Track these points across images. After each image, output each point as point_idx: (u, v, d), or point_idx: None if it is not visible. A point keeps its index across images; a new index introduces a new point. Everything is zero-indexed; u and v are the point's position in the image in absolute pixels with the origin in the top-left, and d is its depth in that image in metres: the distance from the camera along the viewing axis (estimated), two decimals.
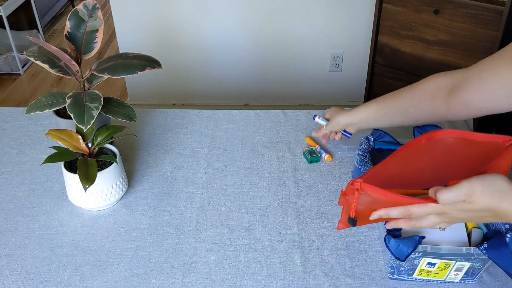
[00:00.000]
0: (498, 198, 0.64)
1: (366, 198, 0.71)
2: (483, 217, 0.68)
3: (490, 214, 0.66)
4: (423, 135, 0.72)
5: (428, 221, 0.71)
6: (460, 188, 0.65)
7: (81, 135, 0.98)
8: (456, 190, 0.65)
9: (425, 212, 0.70)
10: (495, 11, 1.88)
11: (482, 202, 0.65)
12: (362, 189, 0.69)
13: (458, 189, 0.65)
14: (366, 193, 0.69)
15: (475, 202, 0.65)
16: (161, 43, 2.62)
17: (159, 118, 1.33)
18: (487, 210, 0.65)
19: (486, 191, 0.64)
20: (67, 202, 1.05)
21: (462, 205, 0.66)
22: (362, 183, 0.69)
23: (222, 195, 1.07)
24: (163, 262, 0.92)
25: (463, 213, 0.67)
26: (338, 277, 0.88)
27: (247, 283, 0.87)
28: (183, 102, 2.83)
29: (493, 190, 0.64)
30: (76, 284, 0.88)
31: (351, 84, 2.73)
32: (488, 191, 0.64)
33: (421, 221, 0.71)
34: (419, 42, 2.14)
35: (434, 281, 0.86)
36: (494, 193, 0.64)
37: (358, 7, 2.48)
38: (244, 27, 2.56)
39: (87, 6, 1.00)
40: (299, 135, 1.25)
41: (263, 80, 2.73)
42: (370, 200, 0.71)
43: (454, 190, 0.65)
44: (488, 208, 0.65)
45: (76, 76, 1.00)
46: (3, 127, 1.29)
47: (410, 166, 0.77)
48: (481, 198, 0.64)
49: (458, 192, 0.65)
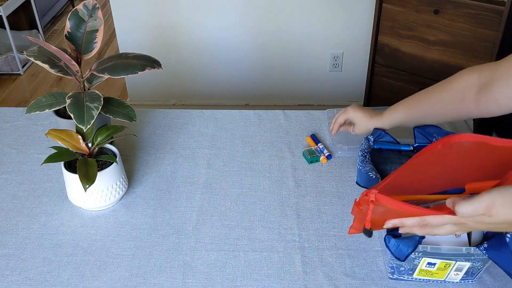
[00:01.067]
0: None
1: (381, 209, 0.70)
2: (501, 228, 0.66)
3: (509, 226, 0.64)
4: (438, 140, 0.70)
5: (444, 230, 0.69)
6: (479, 201, 0.62)
7: (81, 135, 0.98)
8: (475, 204, 0.62)
9: (442, 222, 0.68)
10: (495, 11, 1.88)
11: (502, 216, 0.62)
12: (377, 201, 0.68)
13: (477, 202, 0.62)
14: (380, 204, 0.68)
15: (495, 216, 0.62)
16: (161, 43, 2.62)
17: (159, 118, 1.33)
18: (506, 223, 0.63)
19: (507, 204, 0.61)
20: (67, 202, 1.05)
21: (482, 218, 0.64)
22: (377, 195, 0.68)
23: (222, 195, 1.07)
24: (163, 262, 0.92)
25: (482, 225, 0.66)
26: (338, 277, 0.88)
27: (247, 283, 0.87)
28: (183, 102, 2.83)
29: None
30: (76, 284, 0.88)
31: (351, 84, 2.73)
32: (509, 204, 0.61)
33: (436, 230, 0.70)
34: (419, 42, 2.14)
35: (434, 281, 0.86)
36: None
37: (358, 7, 2.48)
38: (244, 27, 2.56)
39: (87, 6, 1.00)
40: (299, 135, 1.25)
41: (263, 80, 2.73)
42: (384, 210, 0.70)
43: (474, 204, 0.63)
44: (508, 221, 0.63)
45: (76, 76, 1.00)
46: (3, 127, 1.29)
47: (425, 172, 0.76)
48: (501, 212, 0.62)
49: (477, 205, 0.62)
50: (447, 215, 0.66)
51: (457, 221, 0.66)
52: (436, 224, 0.68)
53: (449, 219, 0.66)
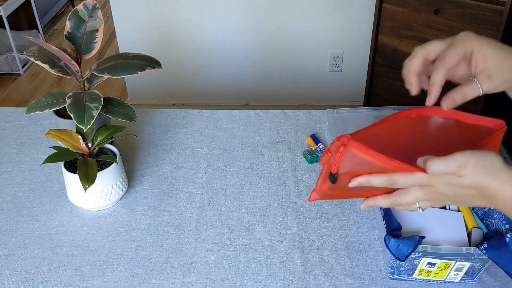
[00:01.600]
0: (491, 176, 0.59)
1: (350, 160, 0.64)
2: (469, 197, 0.62)
3: (478, 194, 0.61)
4: (413, 109, 0.69)
5: (409, 195, 0.64)
6: (453, 159, 0.60)
7: (81, 135, 0.98)
8: (448, 160, 0.60)
9: (410, 182, 0.63)
10: (495, 11, 1.88)
11: (473, 178, 0.60)
12: (349, 146, 0.62)
13: (450, 159, 0.60)
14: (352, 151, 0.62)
15: (466, 176, 0.60)
16: (161, 43, 2.62)
17: (159, 118, 1.33)
18: (476, 188, 0.61)
19: (480, 166, 0.59)
20: (67, 202, 1.05)
21: (451, 178, 0.61)
22: (350, 139, 0.62)
23: (222, 195, 1.07)
24: (163, 262, 0.92)
25: (450, 188, 0.62)
26: (338, 277, 0.88)
27: (247, 283, 0.87)
28: (183, 102, 2.83)
29: (487, 166, 0.59)
30: (76, 284, 0.88)
31: (351, 84, 2.74)
32: (482, 167, 0.59)
33: (402, 195, 0.65)
34: (419, 42, 2.13)
35: (434, 281, 0.86)
36: (487, 170, 0.59)
37: (358, 7, 2.48)
38: (244, 27, 2.56)
39: (87, 6, 1.00)
40: (299, 135, 1.25)
41: (263, 80, 2.73)
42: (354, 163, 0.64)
43: (446, 160, 0.60)
44: (478, 186, 0.60)
45: (76, 76, 1.00)
46: (3, 127, 1.29)
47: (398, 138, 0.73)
48: (473, 172, 0.59)
49: (450, 162, 0.60)
50: (417, 172, 0.62)
51: (426, 182, 0.62)
52: (404, 184, 0.63)
53: (419, 178, 0.62)
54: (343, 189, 0.67)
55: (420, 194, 0.64)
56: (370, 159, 0.62)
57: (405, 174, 0.63)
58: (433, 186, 0.63)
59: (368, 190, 0.67)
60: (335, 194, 0.70)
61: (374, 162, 0.62)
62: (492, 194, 0.60)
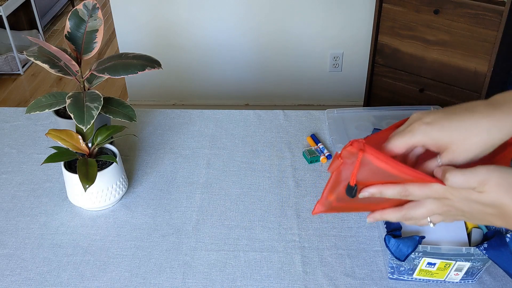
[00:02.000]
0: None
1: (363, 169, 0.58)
2: (485, 214, 0.58)
3: (496, 212, 0.56)
4: None
5: (422, 208, 0.60)
6: (475, 173, 0.55)
7: (81, 135, 0.98)
8: (469, 174, 0.55)
9: (426, 194, 0.58)
10: (495, 11, 1.88)
11: (493, 195, 0.55)
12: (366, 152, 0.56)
13: (472, 173, 0.55)
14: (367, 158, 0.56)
15: (486, 193, 0.55)
16: (161, 43, 2.62)
17: (159, 118, 1.33)
18: (495, 206, 0.56)
19: (503, 184, 0.54)
20: (67, 202, 1.05)
21: (470, 192, 0.56)
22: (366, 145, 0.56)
23: (222, 195, 1.07)
24: (163, 262, 0.92)
25: (467, 203, 0.57)
26: (338, 277, 0.88)
27: (247, 283, 0.87)
28: (183, 102, 2.83)
29: (509, 184, 0.54)
30: (76, 284, 0.88)
31: (351, 84, 2.74)
32: (505, 185, 0.54)
33: (414, 208, 0.60)
34: (419, 42, 2.14)
35: (434, 281, 0.86)
36: (510, 189, 0.54)
37: (358, 7, 2.48)
38: (244, 27, 2.56)
39: (87, 6, 1.00)
40: (299, 135, 1.25)
41: (263, 80, 2.73)
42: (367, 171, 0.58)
43: (468, 174, 0.55)
44: (497, 204, 0.55)
45: (76, 76, 1.00)
46: (3, 127, 1.29)
47: None
48: (494, 190, 0.55)
49: (471, 176, 0.55)
50: (434, 184, 0.57)
51: (442, 195, 0.58)
52: (418, 196, 0.59)
53: (435, 190, 0.57)
54: (351, 201, 0.62)
55: (434, 207, 0.60)
56: (386, 167, 0.57)
57: (420, 186, 0.58)
58: (449, 199, 0.58)
59: (376, 203, 0.63)
60: (342, 206, 0.64)
61: (390, 171, 0.57)
62: (510, 214, 0.56)
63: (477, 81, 2.03)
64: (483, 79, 2.00)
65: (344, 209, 0.66)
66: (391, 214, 0.62)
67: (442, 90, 2.15)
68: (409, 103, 2.27)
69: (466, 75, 2.05)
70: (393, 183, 0.59)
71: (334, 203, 0.63)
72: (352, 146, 0.57)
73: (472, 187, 0.56)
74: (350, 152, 0.58)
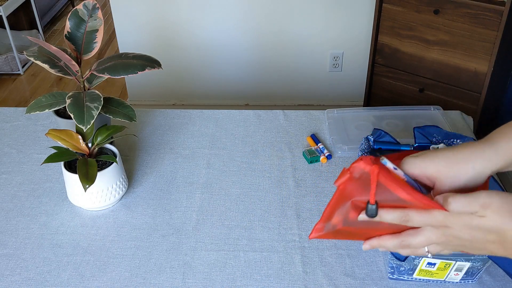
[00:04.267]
0: None
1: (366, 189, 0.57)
2: (486, 242, 0.58)
3: (496, 239, 0.56)
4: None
5: (421, 236, 0.59)
6: (476, 196, 0.55)
7: (81, 135, 0.98)
8: (471, 198, 0.55)
9: (426, 221, 0.58)
10: (495, 11, 1.88)
11: (495, 220, 0.55)
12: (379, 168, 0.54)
13: (474, 197, 0.55)
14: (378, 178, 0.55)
15: (488, 218, 0.55)
16: (161, 43, 2.62)
17: (159, 118, 1.33)
18: (496, 232, 0.56)
19: (505, 208, 0.55)
20: (67, 202, 1.05)
21: (471, 218, 0.56)
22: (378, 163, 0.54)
23: (222, 195, 1.07)
24: (163, 262, 0.92)
25: (468, 230, 0.57)
26: (338, 277, 0.88)
27: (247, 283, 0.87)
28: (183, 102, 2.83)
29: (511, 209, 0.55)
30: (76, 284, 0.88)
31: (351, 84, 2.73)
32: (507, 209, 0.55)
33: (413, 236, 0.60)
34: (419, 42, 2.14)
35: (434, 281, 0.86)
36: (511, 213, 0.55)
37: (358, 7, 2.48)
38: (244, 27, 2.56)
39: (87, 6, 1.00)
40: (299, 135, 1.25)
41: (263, 80, 2.73)
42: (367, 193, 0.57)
43: (469, 198, 0.55)
44: (499, 229, 0.55)
45: (76, 76, 1.00)
46: (3, 127, 1.29)
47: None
48: (496, 214, 0.55)
49: (473, 200, 0.55)
50: (434, 210, 0.57)
51: (442, 222, 0.57)
52: (418, 222, 0.58)
53: (435, 217, 0.57)
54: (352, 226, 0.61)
55: (432, 236, 0.59)
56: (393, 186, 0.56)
57: (421, 212, 0.58)
58: (449, 228, 0.58)
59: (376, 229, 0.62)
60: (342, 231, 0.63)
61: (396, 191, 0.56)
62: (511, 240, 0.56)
63: (477, 81, 2.03)
64: (483, 79, 2.00)
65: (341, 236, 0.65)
66: (389, 241, 0.62)
67: (442, 90, 2.15)
68: (409, 103, 2.27)
69: (466, 75, 2.05)
70: (396, 207, 0.58)
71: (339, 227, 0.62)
72: (363, 162, 0.56)
73: (474, 211, 0.56)
74: (359, 167, 0.57)
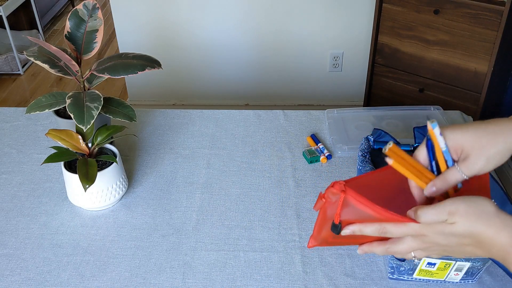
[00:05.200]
0: (483, 222, 0.58)
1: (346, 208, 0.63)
2: (464, 246, 0.61)
3: (472, 242, 0.59)
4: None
5: (403, 245, 0.63)
6: (443, 206, 0.59)
7: (81, 135, 0.98)
8: (438, 208, 0.59)
9: (403, 232, 0.62)
10: (495, 11, 1.88)
11: (465, 225, 0.58)
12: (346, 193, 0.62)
13: (441, 207, 0.59)
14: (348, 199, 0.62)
15: (457, 224, 0.58)
16: (161, 43, 2.62)
17: (159, 118, 1.33)
18: (470, 236, 0.59)
19: (471, 212, 0.58)
20: (67, 202, 1.05)
21: (443, 226, 0.59)
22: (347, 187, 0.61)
23: (222, 195, 1.07)
24: (163, 262, 0.92)
25: (443, 237, 0.60)
26: (338, 277, 0.88)
27: (247, 283, 0.87)
28: (183, 102, 2.83)
29: (479, 212, 0.58)
30: (76, 284, 0.88)
31: (351, 84, 2.73)
32: (473, 213, 0.58)
33: (396, 244, 0.64)
34: (419, 42, 2.14)
35: (434, 281, 0.86)
36: (479, 216, 0.58)
37: (358, 7, 2.48)
38: (244, 27, 2.56)
39: (87, 6, 1.00)
40: (299, 135, 1.25)
41: (263, 80, 2.73)
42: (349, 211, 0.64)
43: (437, 208, 0.59)
44: (471, 233, 0.58)
45: (76, 76, 1.00)
46: (3, 127, 1.29)
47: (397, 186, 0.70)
48: (464, 219, 0.58)
49: (440, 209, 0.59)
50: (409, 222, 0.61)
51: (418, 232, 0.61)
52: (396, 234, 0.62)
53: (411, 228, 0.61)
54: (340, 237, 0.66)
55: (413, 244, 0.63)
56: (364, 208, 0.62)
57: (397, 224, 0.62)
58: (426, 236, 0.61)
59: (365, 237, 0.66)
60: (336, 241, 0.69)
61: (368, 212, 0.62)
62: (487, 241, 0.58)
63: (477, 81, 2.03)
64: (483, 79, 2.00)
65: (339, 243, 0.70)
66: (377, 247, 0.66)
67: (442, 90, 2.15)
68: (409, 103, 2.27)
69: (466, 75, 2.05)
70: (374, 221, 0.63)
71: (329, 239, 0.68)
72: (334, 188, 0.62)
73: (443, 219, 0.59)
74: (332, 192, 0.63)
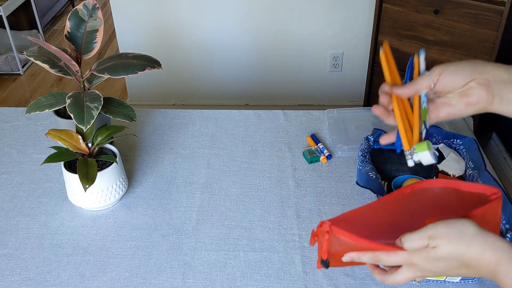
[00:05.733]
0: (466, 243, 0.57)
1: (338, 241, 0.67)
2: (454, 269, 0.60)
3: (460, 264, 0.59)
4: (407, 186, 0.68)
5: (400, 276, 0.64)
6: (424, 231, 0.59)
7: (81, 135, 0.98)
8: (419, 233, 0.60)
9: (394, 261, 0.63)
10: (495, 11, 1.88)
11: (447, 247, 0.58)
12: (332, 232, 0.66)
13: (421, 231, 0.60)
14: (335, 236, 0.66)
15: (439, 247, 0.58)
16: (161, 43, 2.62)
17: (159, 118, 1.33)
18: (456, 259, 0.58)
19: (452, 234, 0.58)
20: (67, 202, 1.05)
21: (428, 251, 0.59)
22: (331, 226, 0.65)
23: (222, 195, 1.07)
24: (163, 262, 0.92)
25: (431, 263, 0.60)
26: (338, 277, 0.88)
27: (247, 283, 0.87)
28: (183, 102, 2.83)
29: (459, 234, 0.58)
30: (76, 284, 0.88)
31: (351, 84, 2.73)
32: (454, 235, 0.58)
33: (393, 276, 0.65)
34: (419, 42, 2.14)
35: (434, 281, 0.86)
36: (460, 237, 0.57)
37: (358, 7, 2.48)
38: (244, 27, 2.56)
39: (87, 6, 1.00)
40: (299, 135, 1.25)
41: (263, 80, 2.73)
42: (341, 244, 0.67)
43: (418, 233, 0.60)
44: (455, 255, 0.58)
45: (76, 76, 1.00)
46: (3, 127, 1.29)
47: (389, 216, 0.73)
48: (446, 242, 0.58)
49: (421, 234, 0.59)
50: (399, 251, 0.62)
51: (408, 261, 0.62)
52: (387, 262, 0.64)
53: (401, 257, 0.62)
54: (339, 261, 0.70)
55: (409, 273, 0.63)
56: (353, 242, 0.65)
57: (388, 253, 0.63)
58: (417, 265, 0.61)
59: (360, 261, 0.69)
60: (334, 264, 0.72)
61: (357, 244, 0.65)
62: (473, 262, 0.58)
63: None
64: None
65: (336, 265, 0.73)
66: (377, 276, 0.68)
67: None
68: None
69: None
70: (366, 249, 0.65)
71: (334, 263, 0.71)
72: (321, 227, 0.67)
73: (425, 244, 0.59)
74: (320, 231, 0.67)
